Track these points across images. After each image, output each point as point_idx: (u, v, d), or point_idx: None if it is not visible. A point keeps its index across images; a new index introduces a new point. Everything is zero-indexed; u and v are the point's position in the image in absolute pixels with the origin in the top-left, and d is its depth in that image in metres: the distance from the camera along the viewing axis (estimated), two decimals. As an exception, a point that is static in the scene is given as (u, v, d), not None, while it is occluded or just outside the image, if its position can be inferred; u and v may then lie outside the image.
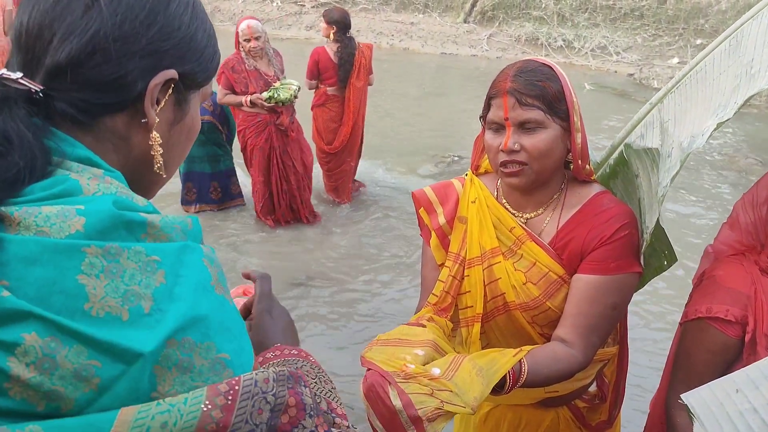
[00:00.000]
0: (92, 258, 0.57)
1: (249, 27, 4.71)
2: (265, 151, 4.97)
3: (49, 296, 0.55)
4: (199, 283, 0.63)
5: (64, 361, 0.54)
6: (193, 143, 0.84)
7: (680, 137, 1.36)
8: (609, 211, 1.42)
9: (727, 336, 1.39)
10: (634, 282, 1.45)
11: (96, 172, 0.66)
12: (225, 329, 0.63)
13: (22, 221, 0.58)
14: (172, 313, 0.59)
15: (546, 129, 1.37)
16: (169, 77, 0.72)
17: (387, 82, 11.18)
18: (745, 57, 1.28)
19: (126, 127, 0.72)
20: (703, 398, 0.89)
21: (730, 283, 1.42)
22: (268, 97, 4.73)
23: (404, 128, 8.48)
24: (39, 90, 0.66)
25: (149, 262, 0.60)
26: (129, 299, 0.58)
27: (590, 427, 1.67)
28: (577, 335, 1.40)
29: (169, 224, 0.65)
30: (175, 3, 0.73)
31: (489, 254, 1.50)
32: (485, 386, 1.18)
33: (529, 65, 1.41)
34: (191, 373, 0.59)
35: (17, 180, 0.60)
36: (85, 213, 0.59)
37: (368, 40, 15.01)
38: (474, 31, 15.25)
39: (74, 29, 0.66)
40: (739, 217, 1.52)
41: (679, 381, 1.51)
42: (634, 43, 13.90)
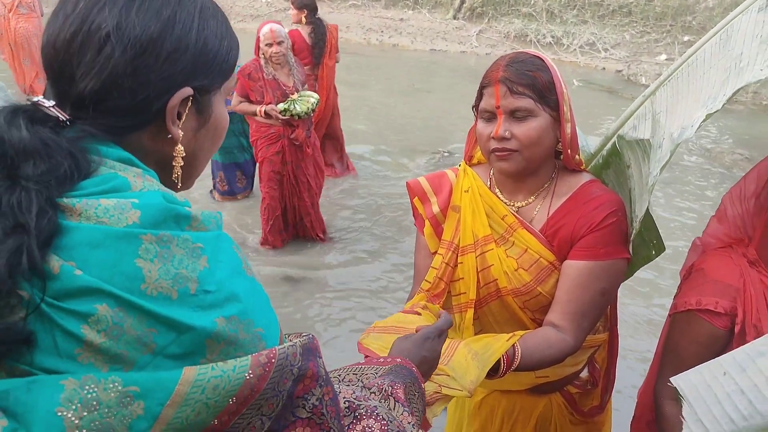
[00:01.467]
0: (148, 244, 0.66)
1: (272, 31, 4.34)
2: (275, 164, 4.59)
3: (111, 276, 0.63)
4: (234, 267, 0.72)
5: (130, 328, 0.63)
6: (224, 136, 0.90)
7: (671, 128, 1.39)
8: (598, 199, 1.46)
9: (716, 327, 1.41)
10: (623, 268, 1.49)
11: (137, 171, 0.74)
12: (259, 306, 0.72)
13: (83, 212, 0.66)
14: (217, 294, 0.68)
15: (536, 117, 1.41)
16: (185, 95, 0.78)
17: (377, 79, 11.20)
18: (734, 51, 1.32)
19: (152, 142, 0.80)
20: (692, 381, 0.92)
21: (719, 276, 1.44)
22: (284, 109, 4.38)
23: (394, 125, 8.49)
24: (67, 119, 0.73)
25: (194, 248, 0.69)
26: (178, 281, 0.66)
27: (582, 413, 1.71)
28: (568, 320, 1.43)
29: (207, 217, 0.74)
30: (179, 24, 0.77)
31: (482, 242, 1.54)
32: (481, 370, 1.21)
33: (521, 56, 1.45)
34: (235, 345, 0.68)
35: (67, 176, 0.68)
36: (140, 206, 0.68)
37: (357, 37, 15.02)
38: (463, 27, 15.28)
39: (92, 68, 0.73)
40: (727, 210, 1.54)
41: (667, 371, 1.53)
42: (622, 40, 13.98)
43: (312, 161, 4.74)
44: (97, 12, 0.73)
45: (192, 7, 0.80)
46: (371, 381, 1.01)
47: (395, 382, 0.99)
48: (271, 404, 0.69)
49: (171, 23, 0.76)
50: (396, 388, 0.98)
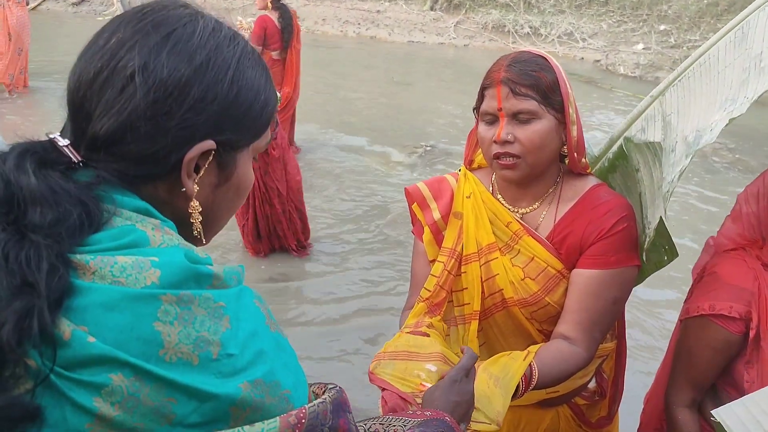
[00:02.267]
0: (167, 306, 0.61)
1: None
2: None
3: (127, 342, 0.58)
4: (257, 325, 0.67)
5: (147, 399, 0.58)
6: (244, 199, 0.84)
7: (685, 131, 1.34)
8: (606, 204, 1.40)
9: (730, 333, 1.38)
10: (634, 275, 1.43)
11: (155, 223, 0.68)
12: (284, 365, 0.67)
13: (98, 270, 0.61)
14: (240, 357, 0.63)
15: (540, 120, 1.34)
16: (206, 149, 0.72)
17: (355, 71, 11.10)
18: (753, 50, 1.26)
19: (167, 194, 0.73)
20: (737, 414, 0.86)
21: (733, 280, 1.40)
22: None
23: (374, 118, 8.41)
24: (79, 161, 0.68)
25: (216, 308, 0.64)
26: (199, 345, 0.61)
27: (590, 424, 1.65)
28: (580, 331, 1.38)
29: (228, 274, 0.68)
30: (212, 71, 0.71)
31: (486, 250, 1.47)
32: (505, 397, 1.15)
33: (523, 56, 1.39)
34: (262, 411, 0.63)
35: (77, 227, 0.62)
36: (160, 265, 0.62)
37: (335, 29, 14.90)
38: (441, 18, 15.21)
39: (112, 107, 0.68)
40: (742, 209, 1.50)
41: (680, 377, 1.50)
42: (600, 30, 14.01)
43: (280, 163, 4.39)
44: (127, 50, 0.69)
45: (230, 55, 0.74)
46: None
47: None
48: None
49: (203, 69, 0.71)
50: None
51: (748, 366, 1.39)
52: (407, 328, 1.41)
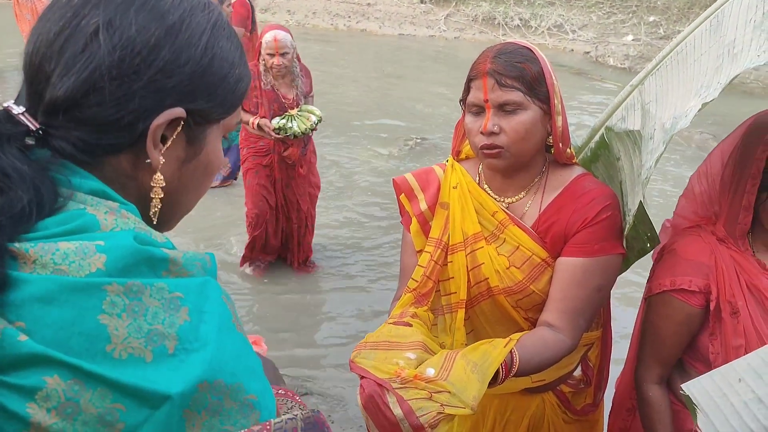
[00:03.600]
0: (113, 296, 0.55)
1: (275, 40, 3.72)
2: (262, 177, 4.02)
3: (68, 338, 0.53)
4: (223, 322, 0.61)
5: (88, 405, 0.52)
6: (211, 180, 0.79)
7: (662, 118, 1.36)
8: (591, 193, 1.42)
9: (691, 306, 1.43)
10: (618, 263, 1.45)
11: (112, 206, 0.63)
12: (250, 369, 0.61)
13: (38, 259, 0.55)
14: (199, 353, 0.57)
15: (526, 110, 1.36)
16: (175, 116, 0.67)
17: (345, 64, 11.07)
18: (726, 37, 1.28)
19: (132, 167, 0.69)
20: (705, 388, 0.88)
21: (691, 255, 1.45)
22: (279, 126, 3.79)
23: (365, 111, 8.41)
24: (37, 128, 0.63)
25: (172, 299, 0.58)
26: (152, 339, 0.55)
27: (576, 411, 1.67)
28: (564, 319, 1.39)
29: (190, 261, 0.62)
30: (185, 33, 0.67)
31: (471, 239, 1.49)
32: (481, 383, 1.16)
33: (509, 47, 1.40)
34: (220, 416, 0.57)
35: (24, 215, 0.57)
36: (106, 249, 0.57)
37: (324, 23, 14.85)
38: (431, 11, 15.17)
39: (73, 65, 0.63)
40: (694, 189, 1.55)
41: (647, 354, 1.55)
42: (589, 21, 14.02)
43: (305, 180, 4.17)
44: (92, 7, 0.64)
45: (204, 20, 0.70)
46: None
47: None
48: None
49: (175, 30, 0.66)
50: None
51: (712, 338, 1.43)
52: (392, 318, 1.42)
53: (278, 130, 3.79)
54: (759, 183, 1.36)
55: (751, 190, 1.37)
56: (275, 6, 15.09)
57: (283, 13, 14.88)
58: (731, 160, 1.44)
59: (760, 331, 1.36)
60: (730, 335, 1.39)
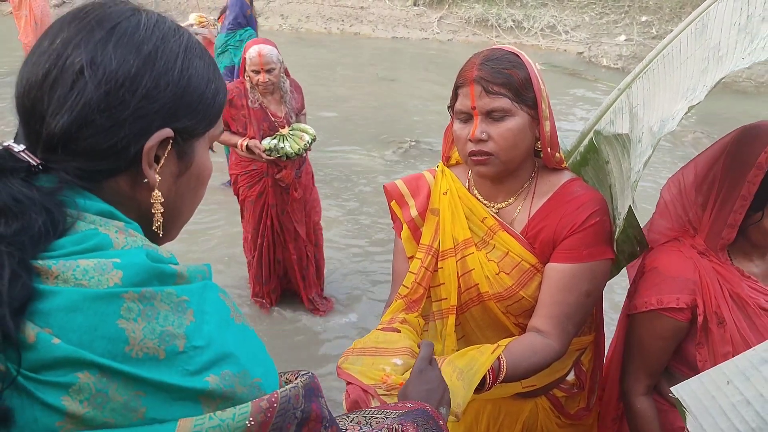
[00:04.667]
0: (130, 303, 0.62)
1: (260, 55, 3.49)
2: (258, 206, 3.82)
3: (91, 342, 0.60)
4: (222, 317, 0.68)
5: (115, 394, 0.59)
6: (206, 187, 0.85)
7: (650, 122, 1.36)
8: (579, 199, 1.42)
9: (678, 321, 1.45)
10: (607, 269, 1.45)
11: (119, 225, 0.69)
12: (252, 355, 0.68)
13: (60, 274, 0.62)
14: (206, 349, 0.64)
15: (513, 117, 1.36)
16: (164, 137, 0.73)
17: (339, 68, 11.08)
18: (711, 40, 1.28)
19: (130, 187, 0.74)
20: (694, 391, 0.89)
21: (675, 272, 1.46)
22: (269, 147, 3.55)
23: (359, 114, 8.41)
24: (38, 164, 0.69)
25: (180, 302, 0.65)
26: (165, 339, 0.62)
27: (569, 416, 1.67)
28: (553, 325, 1.39)
29: (193, 273, 0.69)
30: (161, 60, 0.73)
31: (462, 245, 1.49)
32: (467, 389, 1.17)
33: (495, 53, 1.40)
34: (233, 400, 0.64)
35: (42, 235, 0.63)
36: (122, 266, 0.63)
37: (318, 26, 14.87)
38: (424, 14, 15.20)
39: (64, 103, 0.68)
40: (667, 205, 1.57)
41: (635, 368, 1.56)
42: (582, 22, 14.06)
43: (301, 204, 3.88)
44: (73, 48, 0.70)
45: (176, 45, 0.75)
46: (381, 424, 0.96)
47: (405, 421, 0.95)
48: None
49: (152, 59, 0.72)
50: (406, 426, 0.94)
51: (699, 347, 1.45)
52: (381, 324, 1.42)
53: (269, 151, 3.56)
54: (749, 204, 1.38)
55: (739, 209, 1.39)
56: (268, 11, 15.10)
57: (276, 17, 14.89)
58: (713, 178, 1.45)
59: (746, 337, 1.39)
60: (718, 344, 1.42)
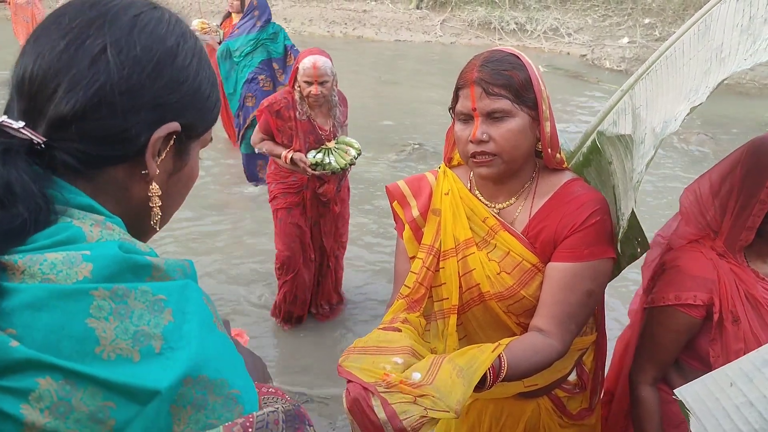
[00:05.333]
0: (100, 301, 0.58)
1: (315, 67, 3.32)
2: (295, 215, 3.60)
3: (58, 342, 0.55)
4: (204, 321, 0.64)
5: (80, 403, 0.55)
6: (189, 191, 0.84)
7: (653, 123, 1.36)
8: (580, 198, 1.42)
9: (693, 317, 1.54)
10: (609, 268, 1.45)
11: (97, 219, 0.66)
12: (232, 365, 0.64)
13: (27, 269, 0.58)
14: (184, 351, 0.60)
15: (514, 118, 1.37)
16: (172, 130, 0.73)
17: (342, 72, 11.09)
18: (714, 41, 1.28)
19: (126, 178, 0.72)
20: (697, 393, 0.88)
21: (695, 271, 1.55)
22: (315, 163, 3.40)
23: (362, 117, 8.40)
24: (41, 141, 0.65)
25: (156, 301, 0.61)
26: (139, 340, 0.58)
27: (571, 416, 1.67)
28: (554, 324, 1.39)
29: (172, 267, 0.66)
30: (182, 55, 0.73)
31: (463, 245, 1.49)
32: (466, 387, 1.17)
33: (496, 55, 1.40)
34: (205, 410, 0.60)
35: (22, 231, 0.60)
36: (92, 258, 0.59)
37: (321, 30, 14.88)
38: (427, 17, 15.22)
39: (80, 81, 0.66)
40: (687, 212, 1.66)
41: (645, 359, 1.64)
42: (585, 24, 14.06)
43: (335, 220, 3.76)
44: (95, 29, 0.68)
45: (193, 45, 0.77)
46: None
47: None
48: None
49: (173, 53, 0.72)
50: None
51: (712, 343, 1.54)
52: (382, 324, 1.43)
53: (315, 166, 3.41)
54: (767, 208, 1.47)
55: (758, 213, 1.48)
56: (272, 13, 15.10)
57: (280, 20, 14.80)
58: (732, 185, 1.53)
59: (758, 336, 1.48)
60: (732, 341, 1.50)
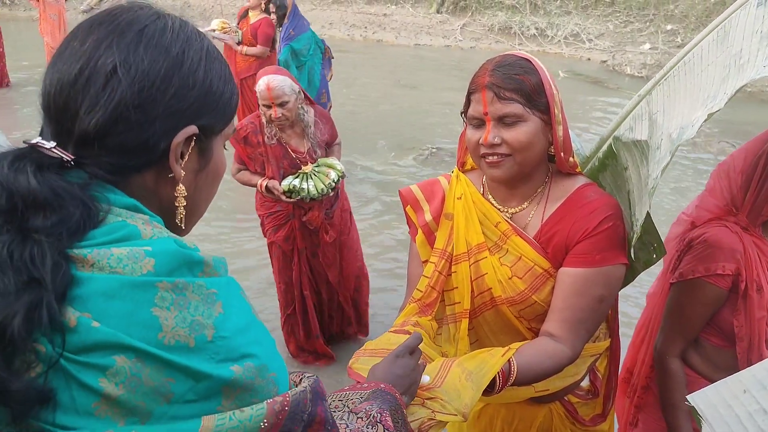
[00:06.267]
0: (163, 292, 0.65)
1: (269, 88, 3.03)
2: (286, 250, 3.42)
3: (128, 326, 0.63)
4: (247, 313, 0.72)
5: (148, 378, 0.63)
6: (218, 184, 0.90)
7: (669, 129, 1.35)
8: (592, 204, 1.42)
9: (720, 288, 1.63)
10: (621, 274, 1.44)
11: (144, 218, 0.73)
12: (270, 351, 0.73)
13: (96, 262, 0.65)
14: (232, 340, 0.68)
15: (526, 122, 1.36)
16: (190, 134, 0.78)
17: (361, 75, 11.13)
18: (733, 47, 1.27)
19: (154, 182, 0.78)
20: (710, 399, 0.87)
21: (722, 243, 1.63)
22: (289, 190, 3.14)
23: (380, 121, 8.44)
24: (70, 159, 0.71)
25: (209, 294, 0.69)
26: (195, 328, 0.66)
27: (584, 422, 1.66)
28: (565, 329, 1.39)
29: (218, 263, 0.74)
30: (188, 62, 0.78)
31: (475, 250, 1.49)
32: (475, 391, 1.17)
33: (507, 59, 1.40)
34: (251, 392, 0.68)
35: (79, 227, 0.67)
36: (154, 254, 0.67)
37: (341, 33, 14.94)
38: (447, 21, 15.22)
39: (98, 101, 0.71)
40: (715, 184, 1.73)
41: (674, 332, 1.73)
42: (606, 30, 13.97)
43: (333, 248, 3.48)
44: (105, 49, 0.73)
45: (199, 48, 0.80)
46: (357, 406, 1.00)
47: (383, 409, 0.99)
48: None
49: (179, 60, 0.77)
50: (384, 416, 0.97)
51: (736, 314, 1.64)
52: (393, 327, 1.43)
53: (289, 193, 3.15)
54: None
55: None
56: (292, 17, 15.19)
57: (300, 23, 14.98)
58: (759, 161, 1.60)
59: None
60: (755, 309, 1.61)
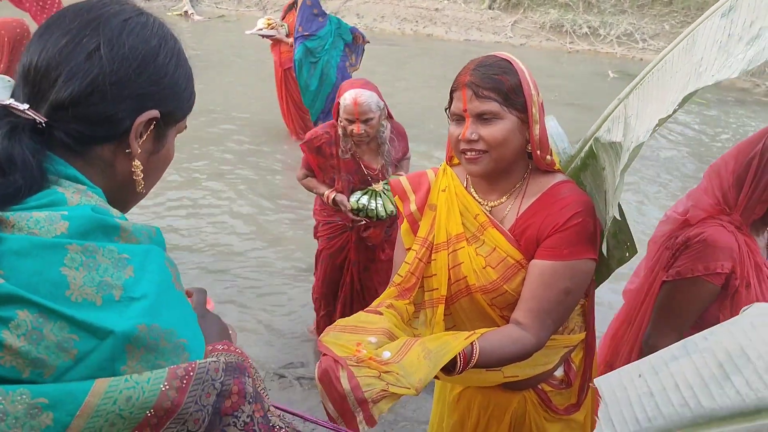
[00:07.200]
0: (73, 254, 0.70)
1: (356, 104, 2.91)
2: (336, 258, 3.33)
3: (37, 284, 0.68)
4: (163, 279, 0.77)
5: (49, 333, 0.67)
6: (165, 170, 0.98)
7: (638, 132, 1.41)
8: (564, 200, 1.50)
9: (715, 285, 1.71)
10: (588, 268, 1.51)
11: (80, 188, 0.79)
12: (183, 319, 0.77)
13: (16, 224, 0.71)
14: (141, 302, 0.72)
15: (502, 120, 1.46)
16: (153, 116, 0.87)
17: (410, 69, 11.18)
18: (696, 56, 1.32)
19: (112, 155, 0.86)
20: (611, 382, 0.94)
21: (720, 242, 1.70)
22: (357, 208, 3.07)
23: (427, 116, 8.49)
24: (43, 121, 0.79)
25: (120, 259, 0.73)
26: (102, 288, 0.71)
27: (557, 410, 1.72)
28: (531, 318, 1.47)
29: (138, 230, 0.79)
30: (162, 54, 0.88)
31: (454, 240, 1.59)
32: (431, 368, 1.26)
33: (488, 60, 1.50)
34: (155, 353, 0.72)
35: (16, 195, 0.73)
36: (69, 218, 0.72)
37: (392, 26, 15.01)
38: (498, 17, 15.13)
39: (77, 72, 0.80)
40: (708, 185, 1.81)
41: (668, 327, 1.79)
42: (662, 30, 13.66)
43: (388, 266, 3.20)
44: (91, 30, 0.82)
45: (173, 46, 0.91)
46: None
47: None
48: (196, 419, 0.72)
49: (155, 52, 0.86)
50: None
51: (723, 309, 1.73)
52: (369, 308, 1.54)
53: (357, 211, 3.09)
54: None
55: None
56: (345, 9, 15.38)
57: (352, 16, 15.14)
58: (752, 161, 1.68)
59: (759, 299, 1.69)
60: (742, 304, 1.64)
